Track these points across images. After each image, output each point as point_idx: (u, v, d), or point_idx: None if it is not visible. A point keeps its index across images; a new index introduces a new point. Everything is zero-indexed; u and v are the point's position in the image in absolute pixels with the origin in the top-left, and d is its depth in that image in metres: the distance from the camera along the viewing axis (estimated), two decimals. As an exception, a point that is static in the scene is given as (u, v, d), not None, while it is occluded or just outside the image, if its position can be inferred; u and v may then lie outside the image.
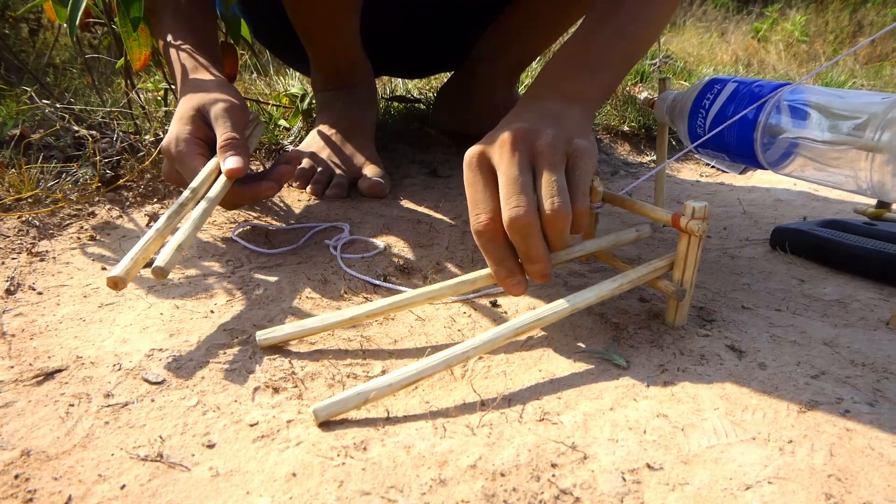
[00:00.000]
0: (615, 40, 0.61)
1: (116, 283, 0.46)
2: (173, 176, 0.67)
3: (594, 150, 0.52)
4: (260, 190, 0.67)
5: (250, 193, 0.67)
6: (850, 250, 0.66)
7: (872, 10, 4.16)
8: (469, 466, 0.36)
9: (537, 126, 0.50)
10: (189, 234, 0.52)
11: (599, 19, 0.62)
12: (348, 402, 0.39)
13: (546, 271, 0.47)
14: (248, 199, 0.68)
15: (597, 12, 0.63)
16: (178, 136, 0.64)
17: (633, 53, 0.64)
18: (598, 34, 0.61)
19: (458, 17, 1.02)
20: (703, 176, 1.14)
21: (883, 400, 0.43)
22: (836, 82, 2.06)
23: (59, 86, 1.15)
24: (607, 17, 0.61)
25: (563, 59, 0.61)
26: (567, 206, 0.46)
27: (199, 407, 0.41)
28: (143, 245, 0.49)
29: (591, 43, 0.61)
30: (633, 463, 0.36)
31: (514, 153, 0.48)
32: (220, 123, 0.65)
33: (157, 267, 0.47)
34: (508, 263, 0.47)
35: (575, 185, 0.48)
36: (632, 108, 1.32)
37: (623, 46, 0.62)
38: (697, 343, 0.50)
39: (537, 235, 0.46)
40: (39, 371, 0.44)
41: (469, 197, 0.49)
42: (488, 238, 0.47)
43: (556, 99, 0.57)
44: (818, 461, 0.37)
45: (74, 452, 0.36)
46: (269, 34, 1.00)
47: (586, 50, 0.61)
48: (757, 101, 0.59)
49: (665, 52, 2.47)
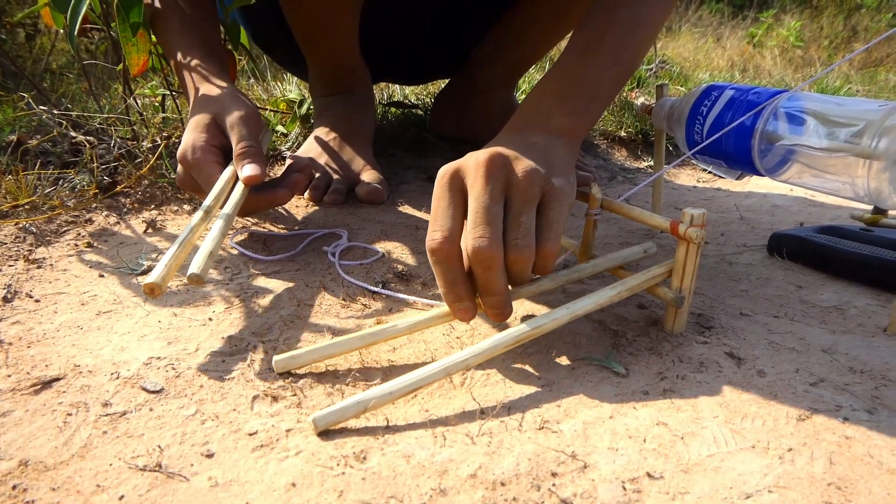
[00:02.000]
0: (605, 70, 0.59)
1: (153, 289, 0.46)
2: (188, 183, 0.67)
3: (572, 191, 0.50)
4: (275, 197, 0.68)
5: (266, 201, 0.67)
6: (848, 256, 0.66)
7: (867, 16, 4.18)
8: (469, 476, 0.36)
9: (518, 156, 0.48)
10: (218, 242, 0.52)
11: (587, 46, 0.59)
12: (347, 411, 0.39)
13: (500, 305, 0.45)
14: (263, 206, 0.68)
15: (585, 35, 0.60)
16: (193, 143, 0.64)
17: (623, 79, 0.62)
18: (589, 63, 0.59)
19: (456, 23, 1.02)
20: (700, 181, 1.15)
21: (882, 407, 0.43)
22: (831, 87, 2.07)
23: (56, 91, 1.14)
24: (596, 44, 0.59)
25: (551, 90, 0.59)
26: (531, 249, 0.44)
27: (197, 416, 0.41)
28: (174, 252, 0.50)
29: (581, 76, 0.59)
30: (633, 472, 0.36)
31: (488, 180, 0.45)
32: (235, 132, 0.65)
33: (194, 274, 0.48)
34: (458, 289, 0.45)
35: (545, 227, 0.46)
36: (629, 114, 1.32)
37: (613, 75, 0.59)
38: (696, 350, 0.50)
39: (499, 269, 0.44)
40: (37, 380, 0.43)
41: (432, 212, 0.47)
42: (440, 258, 0.45)
43: (542, 133, 0.55)
44: (818, 469, 0.37)
45: (72, 462, 0.36)
46: (267, 38, 1.00)
47: (577, 84, 0.58)
48: (754, 109, 0.59)
49: (661, 57, 2.48)
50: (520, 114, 0.59)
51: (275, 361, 0.45)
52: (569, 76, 0.59)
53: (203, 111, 0.67)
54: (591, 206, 0.57)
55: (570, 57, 0.60)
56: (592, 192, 0.57)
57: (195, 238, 0.54)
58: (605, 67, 0.59)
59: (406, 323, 0.47)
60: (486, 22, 1.02)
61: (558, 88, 0.59)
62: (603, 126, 1.29)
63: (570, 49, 0.60)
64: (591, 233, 0.58)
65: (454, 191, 0.47)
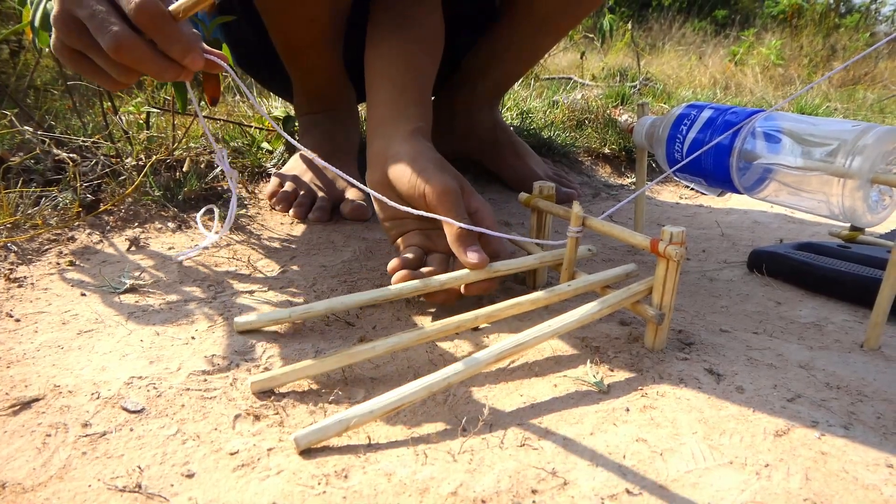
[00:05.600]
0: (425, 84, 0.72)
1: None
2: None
3: None
4: None
5: None
6: (826, 273, 0.67)
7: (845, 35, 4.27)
8: (450, 493, 0.36)
9: None
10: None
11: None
12: (329, 430, 0.39)
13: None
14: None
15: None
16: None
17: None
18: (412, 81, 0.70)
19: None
20: (682, 198, 1.16)
21: (857, 423, 0.44)
22: (811, 105, 2.10)
23: (40, 108, 1.14)
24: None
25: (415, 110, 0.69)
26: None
27: (178, 436, 0.40)
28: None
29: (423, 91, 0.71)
30: (612, 488, 0.37)
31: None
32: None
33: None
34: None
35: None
36: (612, 131, 1.34)
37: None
38: (676, 367, 0.50)
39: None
40: (16, 400, 0.43)
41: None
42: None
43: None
44: (794, 485, 0.37)
45: (51, 484, 0.36)
46: (251, 59, 1.00)
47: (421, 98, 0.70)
48: (732, 128, 0.61)
49: (645, 74, 2.51)
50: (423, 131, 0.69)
51: (251, 383, 0.45)
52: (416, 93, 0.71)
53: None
54: (573, 223, 0.58)
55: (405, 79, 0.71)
56: (574, 209, 0.57)
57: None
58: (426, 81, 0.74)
59: (385, 345, 0.48)
60: (469, 42, 1.02)
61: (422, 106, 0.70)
62: (587, 143, 1.31)
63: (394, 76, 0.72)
64: (574, 251, 0.59)
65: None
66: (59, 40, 0.47)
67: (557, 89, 1.85)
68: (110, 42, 0.44)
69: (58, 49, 0.48)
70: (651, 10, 5.79)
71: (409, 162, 0.60)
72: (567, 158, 1.25)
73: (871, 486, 0.37)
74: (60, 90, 1.32)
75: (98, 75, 0.49)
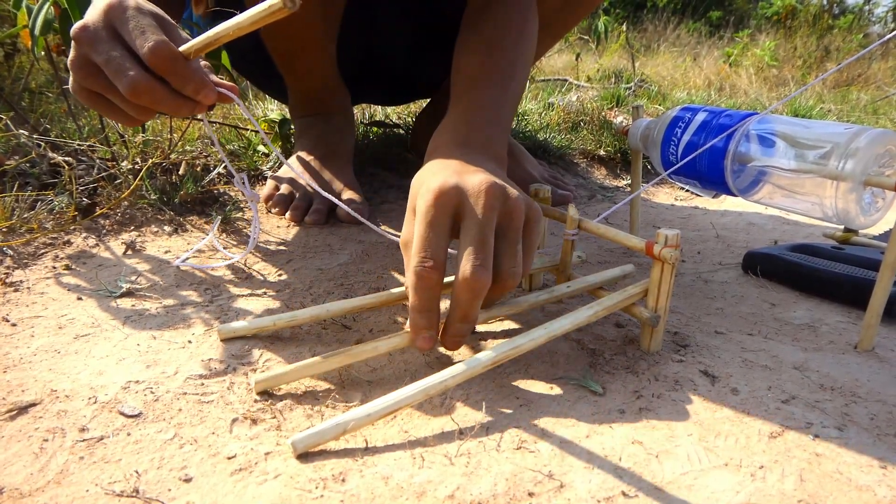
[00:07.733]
0: (510, 95, 0.66)
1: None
2: None
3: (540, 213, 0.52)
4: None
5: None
6: (820, 274, 0.67)
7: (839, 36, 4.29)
8: (447, 497, 0.36)
9: (505, 185, 0.48)
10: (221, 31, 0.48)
11: (491, 76, 0.66)
12: (326, 434, 0.39)
13: (467, 333, 0.47)
14: None
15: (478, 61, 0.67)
16: None
17: (520, 96, 0.69)
18: (501, 95, 0.65)
19: (434, 46, 1.04)
20: (677, 199, 1.16)
21: (851, 424, 0.44)
22: (805, 106, 2.11)
23: (35, 111, 1.14)
24: (497, 69, 0.66)
25: (480, 121, 0.62)
26: (518, 277, 0.47)
27: (176, 440, 0.41)
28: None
29: (503, 104, 0.65)
30: (608, 491, 0.37)
31: (491, 210, 0.46)
32: None
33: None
34: (431, 315, 0.45)
35: (527, 252, 0.48)
36: (608, 133, 1.34)
37: (514, 101, 0.67)
38: (672, 369, 0.50)
39: (482, 297, 0.45)
40: (13, 405, 0.43)
41: (420, 232, 0.46)
42: (427, 286, 0.45)
43: (495, 161, 0.58)
44: (788, 486, 0.37)
45: (48, 489, 0.36)
46: (246, 62, 1.00)
47: (497, 112, 0.64)
48: (726, 131, 0.61)
49: (640, 75, 2.52)
50: (468, 141, 0.60)
51: (255, 382, 0.45)
52: (491, 109, 0.64)
53: None
54: (568, 226, 0.58)
55: (480, 86, 0.66)
56: (570, 212, 0.58)
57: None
58: (510, 92, 0.66)
59: (388, 344, 0.48)
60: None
61: (485, 119, 0.63)
62: (583, 145, 1.31)
63: (471, 77, 0.68)
64: (569, 253, 0.59)
65: (447, 215, 0.46)
66: (76, 83, 0.49)
67: (553, 91, 1.85)
68: (127, 86, 0.46)
69: (76, 91, 0.49)
70: (646, 12, 5.82)
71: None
72: (563, 160, 1.25)
73: (864, 486, 0.38)
74: (56, 93, 1.31)
75: (116, 114, 0.51)
